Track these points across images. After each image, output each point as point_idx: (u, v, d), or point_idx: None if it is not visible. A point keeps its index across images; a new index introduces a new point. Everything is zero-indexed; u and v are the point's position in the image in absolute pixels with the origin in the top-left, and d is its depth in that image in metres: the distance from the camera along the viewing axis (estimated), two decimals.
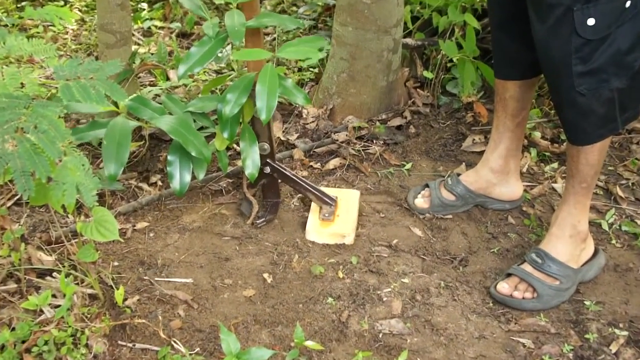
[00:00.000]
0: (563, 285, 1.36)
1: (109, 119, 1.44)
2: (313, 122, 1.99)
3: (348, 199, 1.61)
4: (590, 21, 1.15)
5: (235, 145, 1.82)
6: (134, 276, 1.38)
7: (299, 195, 1.67)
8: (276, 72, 1.31)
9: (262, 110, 1.28)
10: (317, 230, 1.50)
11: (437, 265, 1.45)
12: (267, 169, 1.54)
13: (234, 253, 1.46)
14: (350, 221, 1.53)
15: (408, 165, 1.83)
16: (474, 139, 1.94)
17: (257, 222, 1.54)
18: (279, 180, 1.59)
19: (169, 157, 1.44)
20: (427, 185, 1.66)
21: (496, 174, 1.60)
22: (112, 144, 1.36)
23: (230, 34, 1.32)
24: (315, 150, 1.88)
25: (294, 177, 1.55)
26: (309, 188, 1.55)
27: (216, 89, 2.04)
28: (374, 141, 1.93)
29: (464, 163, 1.85)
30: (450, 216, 1.62)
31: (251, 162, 1.48)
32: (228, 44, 1.67)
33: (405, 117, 2.03)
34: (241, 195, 1.64)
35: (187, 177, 1.46)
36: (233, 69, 2.11)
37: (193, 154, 1.39)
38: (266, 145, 1.50)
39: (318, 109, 2.04)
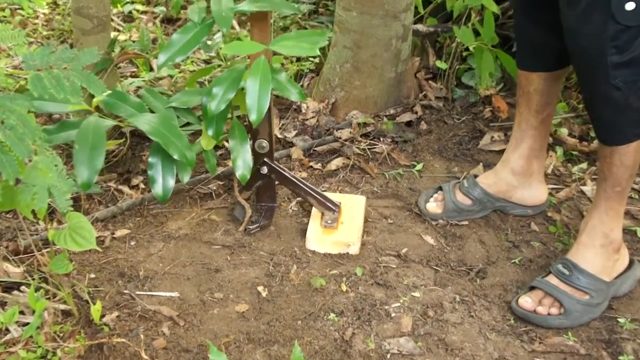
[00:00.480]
0: (593, 300, 1.35)
1: (81, 117, 1.44)
2: (313, 117, 2.00)
3: (353, 205, 1.61)
4: (630, 5, 1.14)
5: (226, 143, 1.82)
6: (113, 290, 1.38)
7: (298, 199, 1.67)
8: (269, 66, 1.31)
9: (252, 110, 1.27)
10: (319, 238, 1.50)
11: (452, 278, 1.45)
12: (265, 170, 1.54)
13: (225, 263, 1.46)
14: (355, 229, 1.53)
15: (419, 166, 1.83)
16: (492, 137, 1.94)
17: (251, 228, 1.54)
18: (277, 183, 1.59)
19: (150, 160, 1.44)
20: (440, 188, 1.66)
21: (518, 175, 1.59)
22: (85, 147, 1.35)
23: (217, 20, 1.31)
24: (315, 149, 1.88)
25: (294, 180, 1.55)
26: (311, 192, 1.55)
27: (204, 80, 2.04)
28: (381, 139, 1.93)
29: (481, 163, 1.85)
30: (466, 222, 1.62)
31: (242, 163, 1.48)
32: (219, 30, 1.67)
33: (416, 112, 2.03)
34: (233, 199, 1.64)
35: (171, 182, 1.45)
36: (224, 59, 2.11)
37: (175, 157, 1.38)
38: (265, 143, 1.50)
39: (319, 103, 2.04)
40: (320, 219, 1.55)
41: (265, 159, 1.53)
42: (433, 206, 1.62)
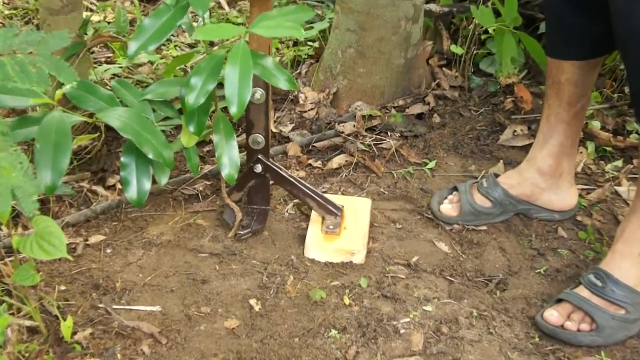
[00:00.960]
0: (630, 316, 1.34)
1: (44, 111, 1.42)
2: (312, 109, 1.99)
3: (357, 208, 1.60)
4: None
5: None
6: (86, 304, 1.37)
7: (295, 201, 1.66)
8: (249, 50, 1.29)
9: (232, 102, 1.26)
10: (320, 245, 1.50)
11: (468, 289, 1.45)
12: (258, 168, 1.54)
13: (212, 274, 1.45)
14: (360, 235, 1.53)
15: (431, 164, 1.82)
16: (514, 131, 1.94)
17: (242, 233, 1.53)
18: (272, 183, 1.59)
19: (122, 159, 1.42)
20: (455, 189, 1.65)
21: (545, 176, 1.58)
22: (47, 146, 1.31)
23: (192, 1, 1.30)
24: (314, 144, 1.88)
25: (292, 179, 1.55)
26: (310, 193, 1.55)
27: (187, 67, 2.03)
28: (389, 133, 1.93)
29: (501, 161, 1.84)
30: (484, 227, 1.61)
31: (228, 161, 1.47)
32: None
33: (428, 104, 2.03)
34: (222, 201, 1.64)
35: (146, 184, 1.44)
36: (212, 43, 2.11)
37: (150, 156, 1.37)
38: (260, 138, 1.50)
39: (318, 93, 2.04)
40: (321, 224, 1.55)
41: (260, 156, 1.53)
42: (448, 208, 1.62)
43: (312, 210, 1.58)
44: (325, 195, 1.58)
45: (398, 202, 1.70)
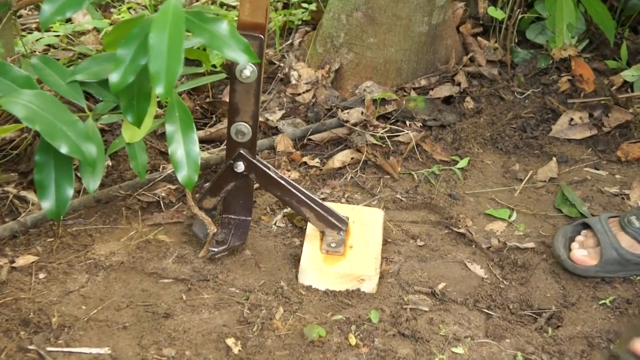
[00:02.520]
0: None
1: None
2: (308, 91, 2.00)
3: (366, 221, 1.60)
4: None
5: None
6: (12, 345, 1.37)
7: (286, 210, 1.67)
8: (183, 10, 1.28)
9: (158, 80, 1.24)
10: (318, 269, 1.50)
11: (511, 326, 1.45)
12: (240, 167, 1.53)
13: (178, 305, 1.46)
14: (370, 256, 1.53)
15: (462, 162, 1.83)
16: (571, 119, 1.95)
17: (215, 251, 1.54)
18: (256, 186, 1.59)
19: (37, 159, 1.41)
20: (585, 225, 1.63)
21: None
22: None
23: None
24: (311, 137, 1.89)
25: (283, 182, 1.55)
26: (306, 201, 1.55)
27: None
28: (408, 123, 1.94)
29: (554, 159, 1.85)
30: (531, 244, 1.62)
31: (185, 158, 1.45)
32: None
33: (459, 84, 2.04)
34: (190, 211, 1.64)
35: (68, 191, 1.41)
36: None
37: (64, 151, 1.35)
38: (246, 127, 1.50)
39: (316, 70, 2.05)
40: (320, 241, 1.55)
41: (243, 151, 1.54)
42: (583, 255, 1.58)
43: (309, 223, 1.58)
44: (326, 203, 1.58)
45: (419, 212, 1.71)
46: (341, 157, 1.83)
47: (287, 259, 1.57)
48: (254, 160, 1.54)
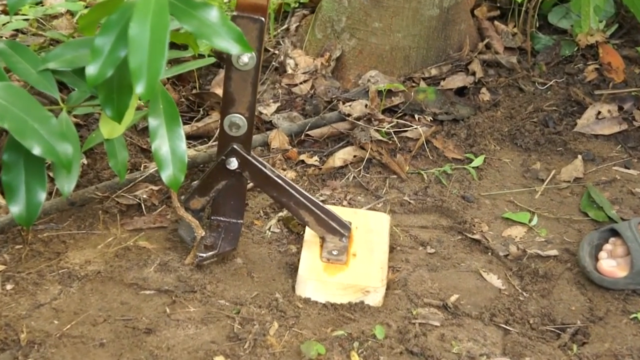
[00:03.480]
0: None
1: None
2: (305, 82, 2.00)
3: (371, 227, 1.60)
4: None
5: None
6: None
7: (281, 213, 1.67)
8: None
9: (139, 77, 1.23)
10: (319, 279, 1.50)
11: (532, 343, 1.45)
12: (233, 164, 1.53)
13: (161, 320, 1.45)
14: (375, 265, 1.53)
15: (478, 160, 1.84)
16: (599, 112, 1.95)
17: (203, 256, 1.53)
18: (250, 186, 1.59)
19: (5, 158, 1.40)
20: (614, 232, 1.63)
21: None
22: None
23: None
24: (309, 133, 1.89)
25: (280, 182, 1.55)
26: (305, 203, 1.55)
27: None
28: (417, 117, 1.94)
29: (579, 157, 1.85)
30: (554, 252, 1.62)
31: (170, 156, 1.44)
32: None
33: (473, 73, 2.04)
34: (175, 214, 1.64)
35: (40, 194, 1.40)
36: None
37: (36, 152, 1.34)
38: (241, 120, 1.49)
39: (315, 58, 2.05)
40: (320, 249, 1.55)
41: (236, 146, 1.53)
42: (611, 266, 1.57)
43: (307, 228, 1.58)
44: (327, 206, 1.58)
45: (429, 216, 1.71)
46: (342, 155, 1.83)
47: (283, 268, 1.57)
48: (249, 157, 1.53)
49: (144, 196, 1.70)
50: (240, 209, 1.60)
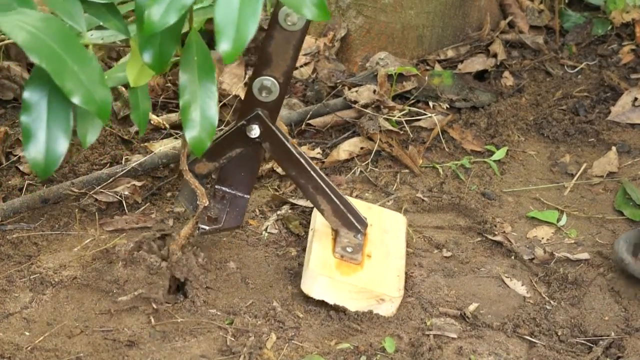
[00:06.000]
0: None
1: None
2: (307, 64, 2.00)
3: (386, 227, 1.61)
4: None
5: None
6: None
7: (279, 212, 1.67)
8: None
9: (225, 35, 1.21)
10: (331, 275, 1.50)
11: (560, 357, 1.44)
12: (255, 131, 1.53)
13: (145, 331, 1.45)
14: (392, 271, 1.53)
15: (500, 153, 1.83)
16: (635, 99, 1.94)
17: (206, 228, 1.53)
18: (266, 158, 1.59)
19: (26, 95, 1.40)
20: None
21: None
22: None
23: None
24: (310, 122, 1.89)
25: (301, 160, 1.54)
26: (325, 189, 1.54)
27: None
28: (431, 104, 1.93)
29: (613, 148, 1.85)
30: (585, 255, 1.62)
31: (200, 116, 1.45)
32: None
33: (495, 55, 2.04)
34: (161, 213, 1.64)
35: (62, 142, 1.40)
36: None
37: (75, 100, 1.35)
38: (274, 85, 1.50)
39: (317, 38, 2.05)
40: (333, 243, 1.55)
41: (261, 112, 1.53)
42: None
43: (317, 216, 1.57)
44: (347, 198, 1.56)
45: (446, 215, 1.70)
46: (348, 147, 1.83)
47: (281, 274, 1.56)
48: (273, 127, 1.53)
49: (126, 193, 1.70)
50: (249, 182, 1.59)
